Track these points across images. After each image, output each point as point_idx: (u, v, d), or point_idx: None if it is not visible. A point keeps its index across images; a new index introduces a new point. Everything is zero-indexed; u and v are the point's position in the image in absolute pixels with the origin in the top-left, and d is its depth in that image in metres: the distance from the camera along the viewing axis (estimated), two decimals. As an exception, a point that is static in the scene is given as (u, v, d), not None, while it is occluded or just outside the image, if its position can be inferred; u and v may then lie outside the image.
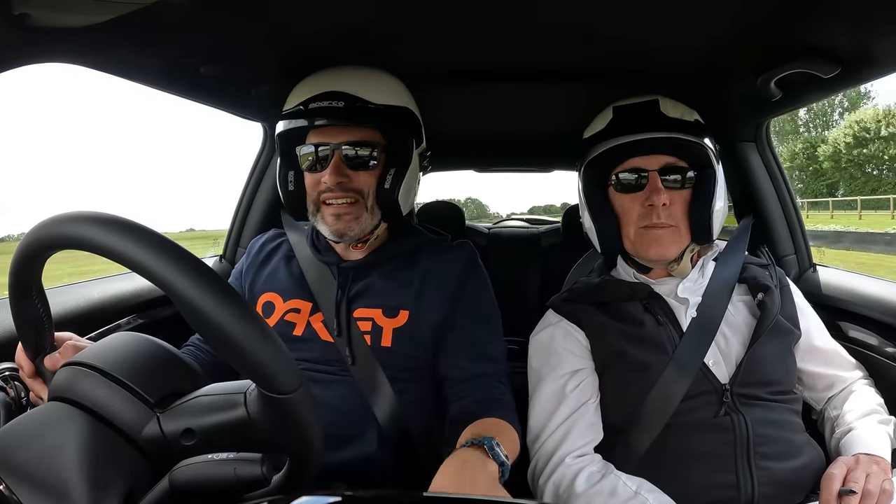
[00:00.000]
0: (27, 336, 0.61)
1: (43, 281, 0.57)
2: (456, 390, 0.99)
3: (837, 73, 0.95)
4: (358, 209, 0.99)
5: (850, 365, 1.10)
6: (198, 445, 0.47)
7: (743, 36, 0.98)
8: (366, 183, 0.99)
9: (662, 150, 1.05)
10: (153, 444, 0.48)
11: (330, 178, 0.96)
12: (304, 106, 0.97)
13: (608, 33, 1.03)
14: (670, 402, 0.97)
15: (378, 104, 0.97)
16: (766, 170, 1.42)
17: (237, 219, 1.62)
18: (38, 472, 0.44)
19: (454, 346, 1.01)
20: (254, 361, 0.43)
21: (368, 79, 1.01)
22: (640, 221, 1.06)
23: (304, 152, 1.01)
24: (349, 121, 0.96)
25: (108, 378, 0.50)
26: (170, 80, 1.06)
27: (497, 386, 0.99)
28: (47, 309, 0.60)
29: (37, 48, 0.70)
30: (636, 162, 1.07)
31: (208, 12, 0.83)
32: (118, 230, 0.44)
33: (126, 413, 0.49)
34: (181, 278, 0.43)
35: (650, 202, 1.04)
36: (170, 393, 0.51)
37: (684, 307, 1.06)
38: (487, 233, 2.27)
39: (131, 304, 1.21)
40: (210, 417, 0.47)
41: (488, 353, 1.02)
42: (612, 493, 0.90)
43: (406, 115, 1.03)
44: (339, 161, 0.97)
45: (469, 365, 0.99)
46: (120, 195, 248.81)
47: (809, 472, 0.95)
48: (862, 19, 0.82)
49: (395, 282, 1.03)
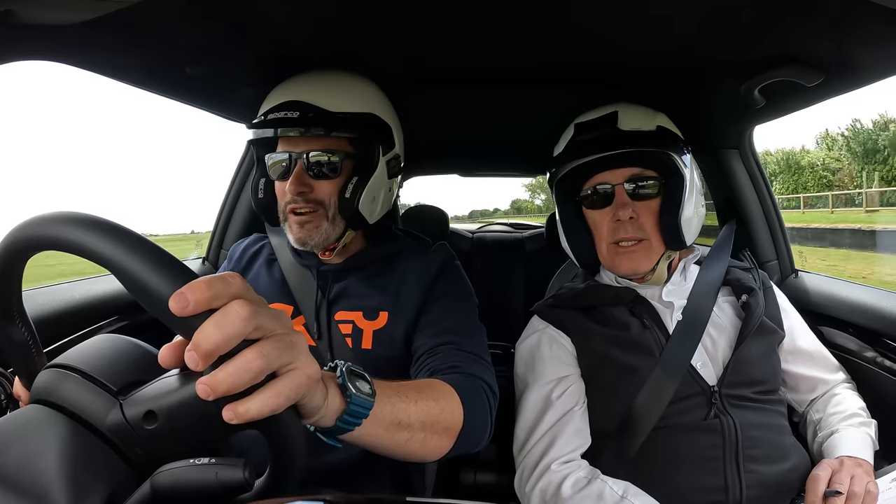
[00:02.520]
0: (19, 365, 0.60)
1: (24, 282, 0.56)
2: (416, 366, 0.93)
3: (821, 82, 0.96)
4: (318, 218, 0.97)
5: (833, 367, 1.12)
6: (161, 427, 0.46)
7: (726, 43, 0.99)
8: (327, 192, 0.97)
9: (625, 163, 1.06)
10: (117, 432, 0.47)
11: (290, 188, 0.95)
12: (265, 116, 0.97)
13: (589, 38, 1.03)
14: (658, 406, 0.97)
15: (338, 112, 0.96)
16: (749, 177, 1.44)
17: (220, 220, 1.61)
18: (17, 476, 0.43)
19: (421, 329, 0.97)
20: (136, 276, 0.42)
21: (333, 86, 1.00)
22: (610, 237, 1.08)
23: (271, 161, 1.01)
24: (305, 131, 0.95)
25: (72, 372, 0.50)
26: (155, 80, 1.05)
27: (455, 353, 0.90)
28: (32, 332, 0.59)
29: (20, 45, 0.70)
30: (601, 177, 1.08)
31: (193, 13, 0.83)
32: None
33: (89, 403, 0.48)
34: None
35: (616, 217, 1.05)
36: (133, 381, 0.50)
37: (670, 310, 1.07)
38: (471, 237, 2.27)
39: (114, 306, 1.19)
40: (169, 397, 0.46)
41: (453, 328, 0.96)
42: (599, 498, 0.90)
43: (372, 121, 1.00)
44: (301, 170, 0.96)
45: (431, 340, 0.94)
46: (123, 199, 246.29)
47: (796, 475, 0.96)
48: (845, 28, 0.83)
49: (374, 285, 1.02)
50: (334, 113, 0.96)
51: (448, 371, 0.85)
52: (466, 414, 0.77)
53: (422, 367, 0.90)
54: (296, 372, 0.45)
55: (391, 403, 0.64)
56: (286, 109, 0.95)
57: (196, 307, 0.40)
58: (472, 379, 0.84)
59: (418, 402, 0.68)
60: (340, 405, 0.56)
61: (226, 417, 0.42)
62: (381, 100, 1.05)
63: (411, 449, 0.69)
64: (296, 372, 0.45)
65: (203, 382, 0.40)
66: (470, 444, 0.79)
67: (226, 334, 0.40)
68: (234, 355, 0.41)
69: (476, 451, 0.82)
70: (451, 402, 0.76)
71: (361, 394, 0.57)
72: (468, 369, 0.86)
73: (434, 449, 0.73)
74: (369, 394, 0.59)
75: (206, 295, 0.40)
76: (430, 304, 0.99)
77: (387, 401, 0.63)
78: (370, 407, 0.58)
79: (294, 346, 0.45)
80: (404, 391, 0.68)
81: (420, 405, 0.68)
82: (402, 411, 0.65)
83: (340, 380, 0.57)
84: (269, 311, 0.44)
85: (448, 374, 0.85)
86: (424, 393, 0.72)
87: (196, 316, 0.40)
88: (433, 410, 0.71)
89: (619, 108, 1.09)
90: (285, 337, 0.44)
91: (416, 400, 0.68)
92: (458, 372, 0.85)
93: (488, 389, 0.86)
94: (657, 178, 1.06)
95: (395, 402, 0.65)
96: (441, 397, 0.75)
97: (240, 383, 0.41)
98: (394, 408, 0.64)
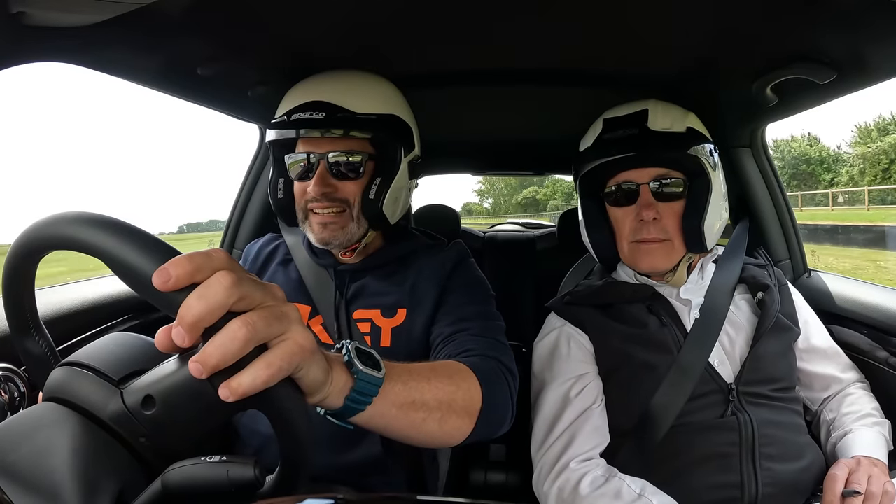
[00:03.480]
0: (38, 375, 0.61)
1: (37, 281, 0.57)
2: (434, 355, 0.93)
3: (833, 80, 0.96)
4: (344, 219, 0.98)
5: (846, 366, 1.12)
6: (159, 412, 0.46)
7: (738, 42, 0.99)
8: (351, 192, 0.98)
9: (652, 163, 1.06)
10: (118, 420, 0.47)
11: (315, 189, 0.95)
12: (288, 116, 0.96)
13: (603, 36, 1.03)
14: (676, 403, 0.97)
15: (363, 113, 0.96)
16: (762, 175, 1.43)
17: (232, 220, 1.61)
18: (29, 473, 0.43)
19: (438, 320, 0.97)
20: (119, 258, 0.42)
21: (356, 87, 0.99)
22: (632, 236, 1.07)
23: (291, 161, 1.00)
24: (328, 132, 0.95)
25: (78, 367, 0.50)
26: (167, 81, 1.06)
27: (470, 338, 0.89)
28: (48, 341, 0.60)
29: (34, 47, 0.70)
30: (627, 175, 1.08)
31: (205, 13, 0.83)
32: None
33: (92, 394, 0.48)
34: None
35: (640, 217, 1.05)
36: (135, 371, 0.50)
37: (687, 308, 1.07)
38: (483, 237, 2.27)
39: (126, 306, 1.20)
40: (166, 380, 0.46)
41: (469, 316, 0.95)
42: (617, 496, 0.89)
43: (394, 122, 1.00)
44: (324, 171, 0.96)
45: (447, 329, 0.93)
46: (135, 199, 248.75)
47: (811, 475, 0.96)
48: (858, 25, 0.82)
49: (391, 283, 1.02)
50: (360, 114, 0.96)
51: (464, 354, 0.84)
52: (485, 393, 0.74)
53: (438, 354, 0.90)
54: (287, 342, 0.44)
55: (402, 382, 0.62)
56: (311, 110, 0.95)
57: (178, 282, 0.40)
58: (488, 360, 0.82)
59: (432, 380, 0.66)
60: (347, 382, 0.54)
61: (222, 396, 0.41)
62: (401, 101, 1.05)
63: (429, 430, 0.66)
64: (287, 342, 0.44)
65: (194, 360, 0.40)
66: (492, 424, 0.76)
67: (210, 305, 0.40)
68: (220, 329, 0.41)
69: (486, 450, 0.81)
70: (467, 380, 0.73)
71: (369, 369, 0.56)
72: (485, 352, 0.84)
73: (454, 430, 0.70)
74: (377, 370, 0.57)
75: (188, 268, 0.40)
76: (447, 295, 0.99)
77: (397, 379, 0.61)
78: (378, 384, 0.57)
79: (284, 316, 0.44)
80: (417, 370, 0.66)
81: (434, 383, 0.66)
82: (416, 389, 0.63)
83: (346, 357, 0.56)
84: (255, 282, 0.43)
85: (464, 357, 0.83)
86: (438, 372, 0.70)
87: (180, 291, 0.40)
88: (448, 388, 0.68)
89: (649, 106, 1.08)
90: (274, 308, 0.43)
91: (429, 378, 0.66)
92: (475, 354, 0.84)
93: (507, 371, 0.84)
94: (682, 180, 1.06)
95: (406, 380, 0.62)
96: (456, 375, 0.73)
97: (228, 355, 0.40)
98: (405, 386, 0.62)
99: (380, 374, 0.57)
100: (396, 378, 0.61)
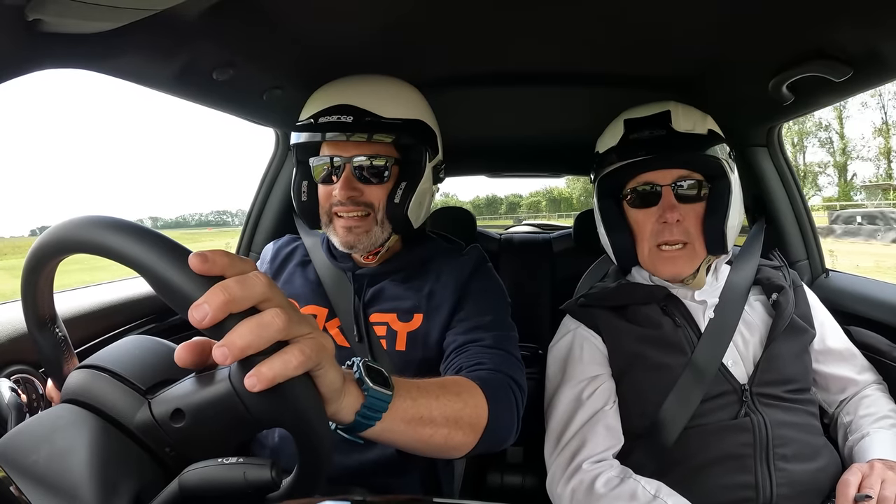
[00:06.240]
0: (51, 367, 0.62)
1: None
2: (446, 363, 0.92)
3: (850, 77, 0.95)
4: (368, 223, 0.98)
5: (863, 367, 1.10)
6: (188, 426, 0.46)
7: (753, 40, 0.98)
8: (377, 197, 0.98)
9: (674, 165, 1.05)
10: (146, 430, 0.48)
11: (341, 192, 0.96)
12: (315, 119, 0.96)
13: (622, 36, 1.03)
14: (690, 404, 0.97)
15: (389, 118, 0.96)
16: (779, 174, 1.42)
17: (249, 223, 1.62)
18: (47, 474, 0.44)
19: (454, 326, 0.97)
20: (167, 282, 0.42)
21: (382, 91, 0.99)
22: (653, 239, 1.07)
23: (316, 164, 1.01)
24: (353, 135, 0.95)
25: (102, 372, 0.51)
26: (183, 86, 1.06)
27: (482, 350, 0.89)
28: (64, 334, 0.61)
29: (50, 54, 0.71)
30: (649, 177, 1.07)
31: (220, 18, 0.84)
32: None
33: (119, 402, 0.49)
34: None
35: (663, 219, 1.04)
36: (162, 381, 0.51)
37: (702, 308, 1.06)
38: (499, 238, 2.26)
39: (146, 308, 1.21)
40: (196, 395, 0.47)
41: (483, 325, 0.95)
42: (632, 497, 0.89)
43: (420, 127, 1.00)
44: (350, 174, 0.96)
45: (461, 337, 0.93)
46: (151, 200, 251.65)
47: (827, 476, 0.95)
48: (874, 21, 0.81)
49: (408, 287, 1.02)
50: (386, 118, 0.96)
51: (474, 368, 0.85)
52: (491, 409, 0.76)
53: (450, 364, 0.90)
54: (312, 339, 0.46)
55: (412, 398, 0.63)
56: (338, 113, 0.95)
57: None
58: (498, 375, 0.84)
59: (440, 397, 0.68)
60: (358, 398, 0.56)
61: (248, 385, 0.42)
62: (426, 106, 1.05)
63: (435, 444, 0.68)
64: (312, 339, 0.46)
65: (220, 345, 0.41)
66: (496, 440, 0.78)
67: (263, 337, 0.42)
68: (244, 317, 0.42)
69: (503, 453, 0.81)
70: (474, 397, 0.75)
71: (378, 386, 0.57)
72: (495, 366, 0.85)
73: (459, 444, 0.72)
74: (387, 387, 0.59)
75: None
76: (463, 301, 0.99)
77: (406, 395, 0.63)
78: (388, 400, 0.58)
79: (305, 320, 0.47)
80: (425, 387, 0.68)
81: (442, 400, 0.68)
82: (424, 406, 0.65)
83: (357, 374, 0.57)
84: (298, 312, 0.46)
85: (474, 370, 0.84)
86: (447, 389, 0.71)
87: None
88: (456, 405, 0.70)
89: (671, 107, 1.08)
90: (296, 312, 0.46)
91: (437, 395, 0.68)
92: (484, 369, 0.84)
93: (515, 386, 0.85)
94: (702, 182, 1.06)
95: (415, 396, 0.64)
96: (464, 392, 0.74)
97: (258, 341, 0.42)
98: (415, 402, 0.64)
99: (389, 391, 0.59)
100: (405, 394, 0.63)
